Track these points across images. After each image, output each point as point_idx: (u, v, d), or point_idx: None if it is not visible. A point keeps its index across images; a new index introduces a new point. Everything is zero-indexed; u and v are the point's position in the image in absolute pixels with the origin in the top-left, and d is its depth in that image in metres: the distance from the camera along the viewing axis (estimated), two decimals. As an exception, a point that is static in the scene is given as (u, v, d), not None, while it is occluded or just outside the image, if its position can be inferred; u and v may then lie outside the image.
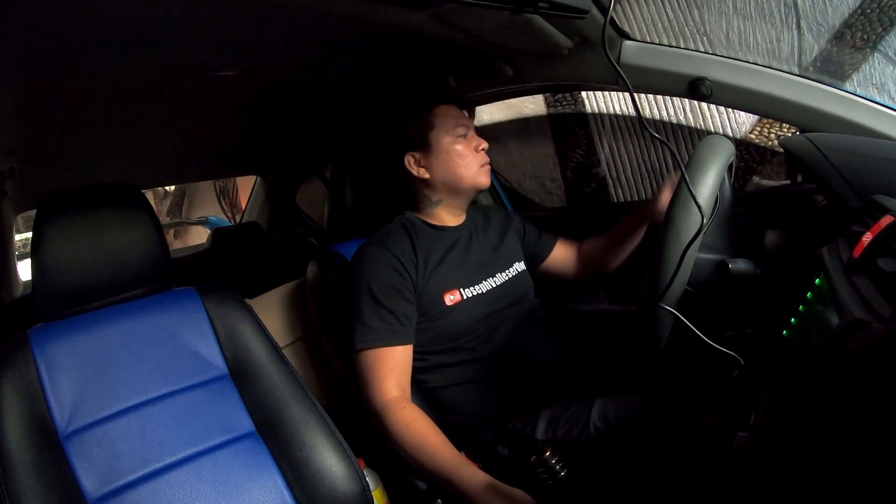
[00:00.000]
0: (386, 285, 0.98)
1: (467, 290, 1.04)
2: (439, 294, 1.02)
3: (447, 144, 1.06)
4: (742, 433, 0.60)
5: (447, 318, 1.01)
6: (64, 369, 0.80)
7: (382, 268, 0.99)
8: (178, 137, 1.44)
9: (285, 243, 2.04)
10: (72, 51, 0.78)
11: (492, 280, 1.08)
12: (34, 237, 0.82)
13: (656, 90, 1.12)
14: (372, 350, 0.95)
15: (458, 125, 1.07)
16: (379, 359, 0.95)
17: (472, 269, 1.08)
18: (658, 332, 0.73)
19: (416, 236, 1.06)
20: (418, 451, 0.90)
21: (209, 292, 0.94)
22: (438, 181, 1.08)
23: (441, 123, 1.07)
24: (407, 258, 1.01)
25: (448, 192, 1.09)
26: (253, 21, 0.81)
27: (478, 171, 1.07)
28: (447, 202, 1.11)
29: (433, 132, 1.07)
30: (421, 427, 0.91)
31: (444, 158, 1.06)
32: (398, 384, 0.95)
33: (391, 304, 0.97)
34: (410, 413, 0.93)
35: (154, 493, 0.76)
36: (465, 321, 1.02)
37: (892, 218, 0.55)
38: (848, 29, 1.13)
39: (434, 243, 1.07)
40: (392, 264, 1.00)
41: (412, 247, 1.04)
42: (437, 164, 1.07)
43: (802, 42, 1.10)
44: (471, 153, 1.07)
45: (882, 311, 0.44)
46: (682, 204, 0.69)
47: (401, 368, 0.97)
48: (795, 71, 0.99)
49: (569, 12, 0.84)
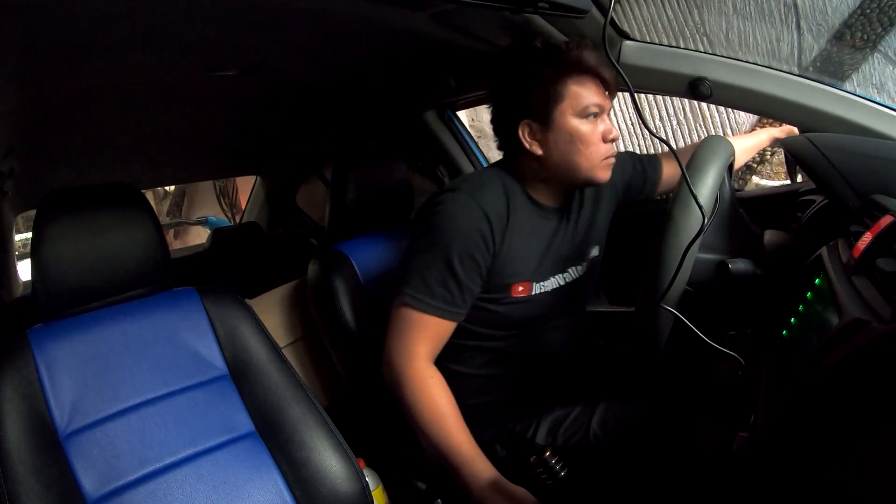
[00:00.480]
0: (467, 251, 0.87)
1: (538, 286, 0.96)
2: (510, 281, 0.93)
3: (573, 125, 0.89)
4: (742, 433, 0.60)
5: (507, 307, 0.94)
6: (64, 369, 0.80)
7: (471, 228, 0.88)
8: (178, 137, 1.44)
9: (285, 243, 2.05)
10: (72, 51, 0.78)
11: (564, 276, 0.99)
12: (34, 237, 0.81)
13: (656, 90, 1.12)
14: (421, 313, 0.88)
15: (591, 104, 0.89)
16: (424, 323, 0.88)
17: (551, 262, 0.97)
18: (658, 333, 0.73)
19: (513, 204, 0.93)
20: (434, 428, 0.85)
21: (209, 292, 0.94)
22: (552, 162, 0.92)
23: (572, 98, 0.89)
24: (498, 225, 0.90)
25: (560, 176, 0.94)
26: (253, 21, 0.81)
27: (598, 164, 0.91)
28: (551, 183, 0.96)
29: (560, 106, 0.89)
30: (443, 403, 0.86)
31: (564, 140, 0.90)
32: (430, 352, 0.89)
33: (464, 274, 0.87)
34: (435, 385, 0.87)
35: (154, 493, 0.76)
36: (523, 316, 0.96)
37: (891, 218, 0.55)
38: (848, 29, 1.13)
39: (526, 220, 0.94)
40: (481, 228, 0.88)
41: (507, 215, 0.91)
42: (556, 143, 0.91)
43: (802, 42, 1.10)
44: (597, 141, 0.90)
45: (882, 311, 0.44)
46: (683, 204, 0.69)
47: (439, 340, 0.90)
48: (795, 71, 0.99)
49: (569, 12, 0.84)
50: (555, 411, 0.97)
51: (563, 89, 0.89)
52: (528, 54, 0.90)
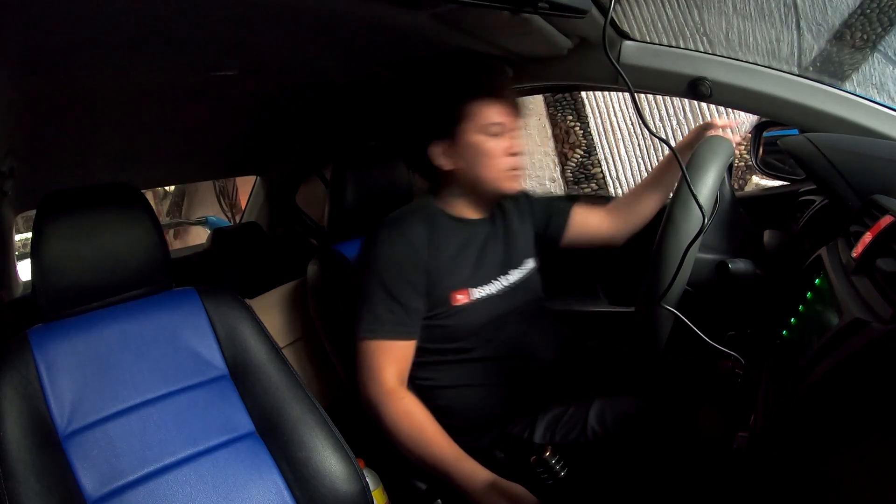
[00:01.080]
0: (398, 275, 0.95)
1: (477, 291, 1.01)
2: (448, 292, 0.99)
3: (476, 141, 0.98)
4: (742, 433, 0.60)
5: (453, 318, 0.99)
6: (64, 369, 0.80)
7: (396, 255, 0.96)
8: (178, 137, 1.44)
9: (285, 243, 2.05)
10: (72, 51, 0.78)
11: (503, 279, 1.05)
12: (34, 237, 0.81)
13: (656, 90, 1.12)
14: (376, 341, 0.94)
15: (493, 123, 0.98)
16: (382, 350, 0.94)
17: (486, 268, 1.04)
18: (658, 332, 0.73)
19: (435, 226, 1.01)
20: (416, 442, 0.90)
21: (209, 292, 0.94)
22: (460, 176, 1.02)
23: (474, 117, 0.98)
24: (422, 247, 0.97)
25: (470, 189, 1.03)
26: (253, 21, 0.81)
27: (503, 174, 1.00)
28: (469, 197, 1.05)
29: (462, 124, 0.98)
30: (419, 418, 0.91)
31: (470, 155, 0.99)
32: (398, 375, 0.94)
33: (402, 295, 0.95)
34: (408, 403, 0.92)
35: (154, 493, 0.76)
36: (472, 322, 1.00)
37: (891, 218, 0.55)
38: (847, 29, 1.13)
39: (451, 236, 1.02)
40: (406, 253, 0.96)
41: (428, 236, 0.99)
42: (462, 158, 1.00)
43: (802, 42, 1.10)
44: (500, 155, 0.99)
45: (882, 311, 0.44)
46: (683, 204, 0.69)
47: (402, 361, 0.96)
48: (795, 71, 0.99)
49: (568, 12, 0.84)
50: (551, 410, 0.98)
51: (467, 110, 0.98)
52: (436, 81, 1.02)
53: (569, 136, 2.74)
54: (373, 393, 0.93)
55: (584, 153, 2.75)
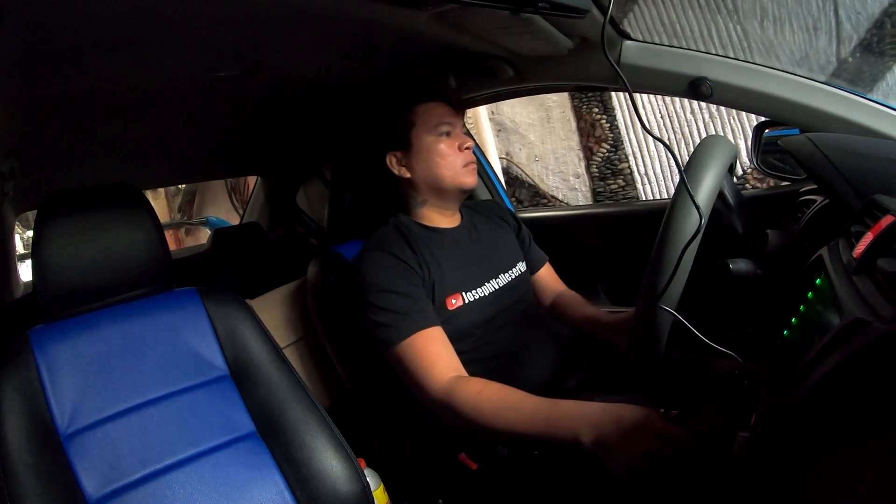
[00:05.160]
0: (392, 277, 0.95)
1: (469, 294, 1.02)
2: (441, 298, 0.99)
3: (428, 143, 1.03)
4: (743, 433, 0.60)
5: (448, 322, 0.98)
6: (64, 370, 0.80)
7: (383, 271, 0.96)
8: (179, 138, 1.44)
9: (285, 243, 2.05)
10: (72, 51, 0.78)
11: (494, 282, 1.06)
12: (35, 238, 0.81)
13: (656, 90, 1.12)
14: (404, 342, 0.90)
15: (441, 123, 1.04)
16: (416, 347, 0.89)
17: (474, 270, 1.05)
18: (658, 333, 0.73)
19: (412, 237, 1.03)
20: (502, 412, 0.80)
21: (210, 293, 0.94)
22: (420, 181, 1.05)
23: (423, 121, 1.03)
24: (408, 258, 0.99)
25: (432, 192, 1.06)
26: (253, 21, 0.81)
27: (461, 170, 1.04)
28: (433, 202, 1.08)
29: (414, 130, 1.03)
30: (495, 389, 0.83)
31: (425, 157, 1.04)
32: (447, 363, 0.89)
33: (405, 290, 0.93)
34: (477, 383, 0.85)
35: (154, 493, 0.76)
36: (467, 325, 1.00)
37: (892, 218, 0.55)
38: (888, 18, 1.08)
39: (431, 245, 1.04)
40: (392, 266, 0.97)
41: (410, 247, 1.01)
42: (418, 163, 1.04)
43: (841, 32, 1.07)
44: (453, 152, 1.04)
45: (882, 311, 0.44)
46: (682, 204, 0.69)
47: (444, 348, 0.91)
48: (798, 71, 0.99)
49: (569, 12, 0.84)
50: None
51: (415, 115, 1.03)
52: (384, 94, 1.07)
53: (594, 130, 2.60)
54: (435, 392, 0.87)
55: (611, 147, 2.61)
